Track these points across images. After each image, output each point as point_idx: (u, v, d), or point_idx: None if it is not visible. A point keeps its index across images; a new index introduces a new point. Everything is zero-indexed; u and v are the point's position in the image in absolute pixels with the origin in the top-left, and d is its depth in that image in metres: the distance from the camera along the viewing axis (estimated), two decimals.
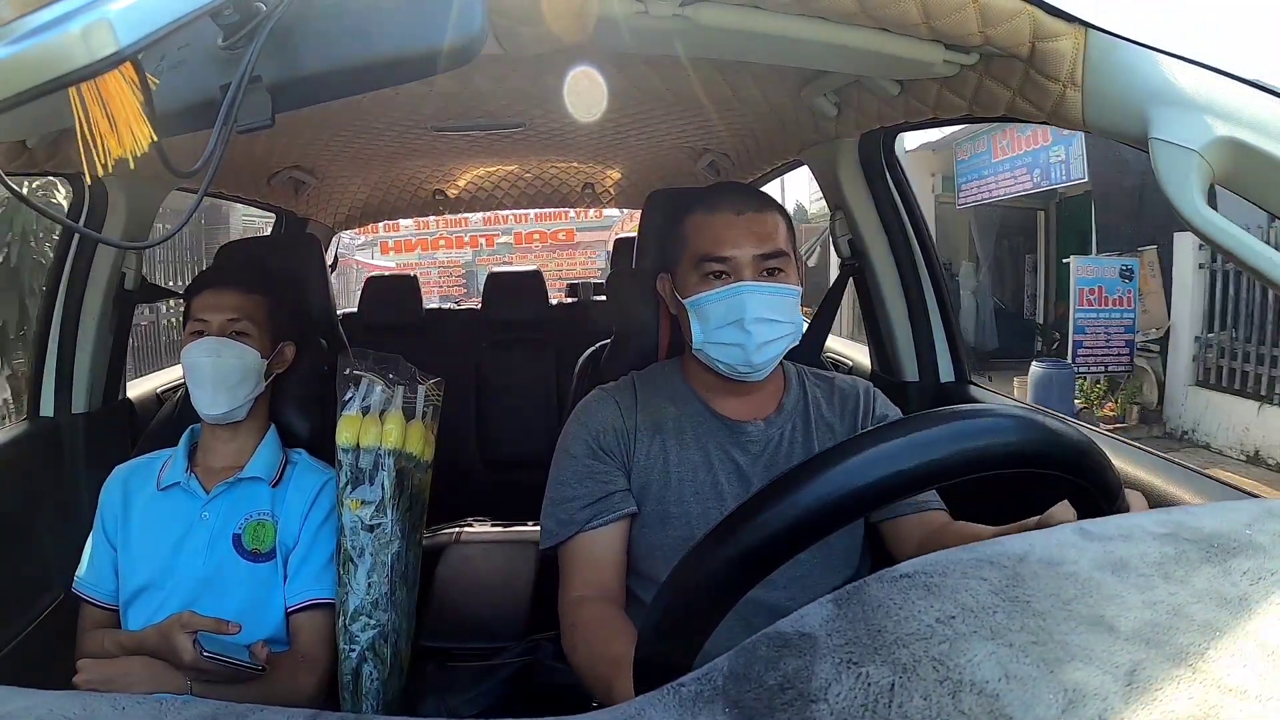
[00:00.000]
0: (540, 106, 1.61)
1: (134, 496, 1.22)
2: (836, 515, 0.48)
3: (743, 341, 1.00)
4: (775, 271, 1.03)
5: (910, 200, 1.58)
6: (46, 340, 1.57)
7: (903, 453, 0.49)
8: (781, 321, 1.02)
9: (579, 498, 1.04)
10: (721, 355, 1.03)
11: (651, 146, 2.07)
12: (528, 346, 2.73)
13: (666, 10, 0.86)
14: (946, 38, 0.88)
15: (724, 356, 1.03)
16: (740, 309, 1.00)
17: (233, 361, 1.20)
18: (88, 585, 1.20)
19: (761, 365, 1.02)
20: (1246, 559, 0.41)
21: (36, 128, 1.07)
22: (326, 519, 1.20)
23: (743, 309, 1.00)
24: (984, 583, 0.39)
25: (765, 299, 1.01)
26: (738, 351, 1.01)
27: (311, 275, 1.65)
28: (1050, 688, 0.33)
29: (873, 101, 1.25)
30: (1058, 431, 0.53)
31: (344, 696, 1.10)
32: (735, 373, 1.04)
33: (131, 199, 1.54)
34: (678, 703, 0.35)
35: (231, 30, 0.51)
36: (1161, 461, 1.07)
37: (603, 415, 1.09)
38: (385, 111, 1.59)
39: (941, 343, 1.59)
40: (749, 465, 1.07)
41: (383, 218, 3.04)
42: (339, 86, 0.55)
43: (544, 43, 0.90)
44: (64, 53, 0.42)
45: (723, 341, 1.02)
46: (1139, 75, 0.79)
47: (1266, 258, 0.69)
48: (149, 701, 0.38)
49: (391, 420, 1.12)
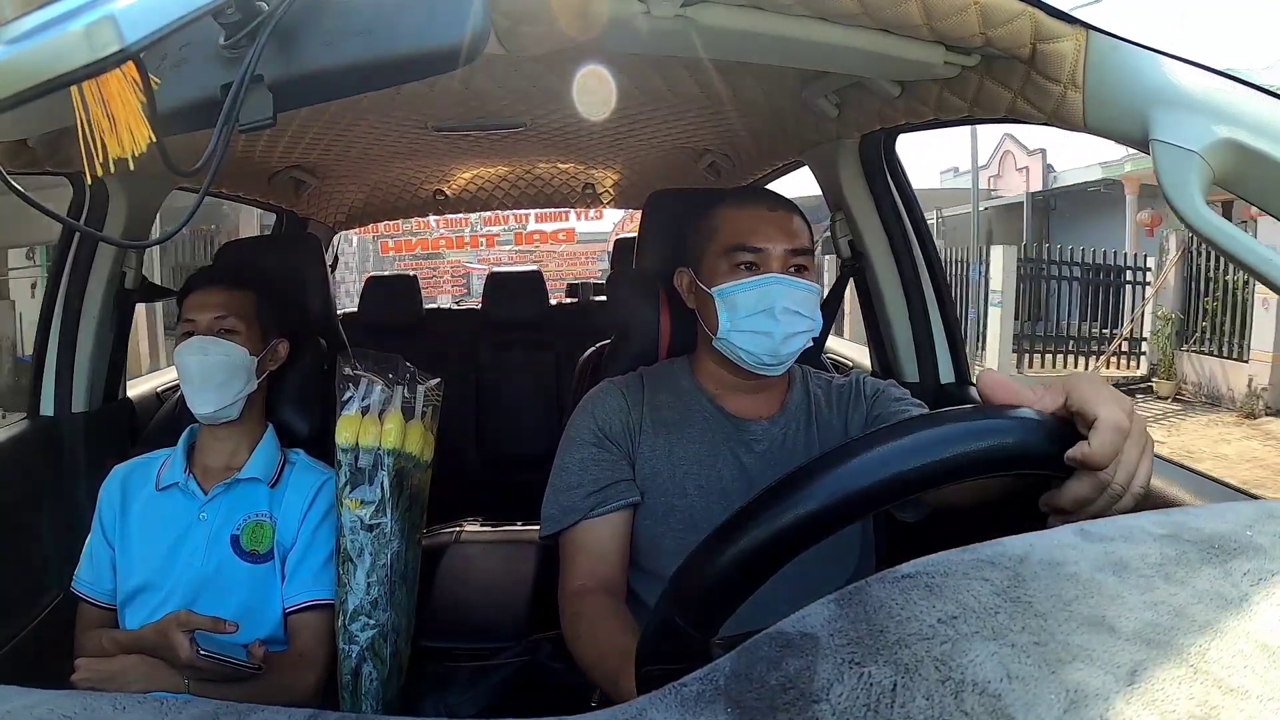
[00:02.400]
0: (541, 107, 1.62)
1: (132, 496, 1.22)
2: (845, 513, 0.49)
3: (771, 330, 1.01)
4: (801, 269, 1.05)
5: (911, 201, 1.58)
6: (47, 339, 1.57)
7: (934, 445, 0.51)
8: (806, 316, 1.04)
9: (583, 485, 1.05)
10: (748, 344, 1.03)
11: (652, 147, 2.07)
12: (528, 347, 2.73)
13: (668, 11, 0.86)
14: (948, 39, 0.88)
15: (750, 345, 1.03)
16: (771, 298, 1.02)
17: (220, 359, 1.20)
18: (86, 584, 1.20)
19: (785, 357, 1.04)
20: (1247, 560, 0.41)
21: (38, 126, 1.07)
22: (324, 518, 1.20)
23: (773, 299, 1.02)
24: (985, 583, 0.39)
25: (794, 292, 1.03)
26: (765, 340, 1.02)
27: (312, 275, 1.65)
28: (1052, 688, 0.33)
29: (874, 102, 1.25)
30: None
31: (343, 696, 1.10)
32: (759, 363, 1.04)
33: (132, 198, 1.54)
34: (679, 702, 0.35)
35: (233, 29, 0.51)
36: (1162, 463, 1.07)
37: (610, 405, 1.10)
38: (386, 111, 1.59)
39: (942, 344, 1.59)
40: (753, 463, 1.07)
41: (383, 218, 3.04)
42: (341, 86, 0.55)
43: (546, 43, 0.90)
44: (67, 51, 0.42)
45: (751, 330, 1.03)
46: (1140, 77, 0.79)
47: (1265, 259, 0.69)
48: (149, 701, 0.38)
49: (391, 420, 1.12)
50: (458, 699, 1.19)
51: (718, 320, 1.05)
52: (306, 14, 0.51)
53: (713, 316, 1.05)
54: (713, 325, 1.06)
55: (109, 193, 1.52)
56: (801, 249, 1.05)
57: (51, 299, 1.57)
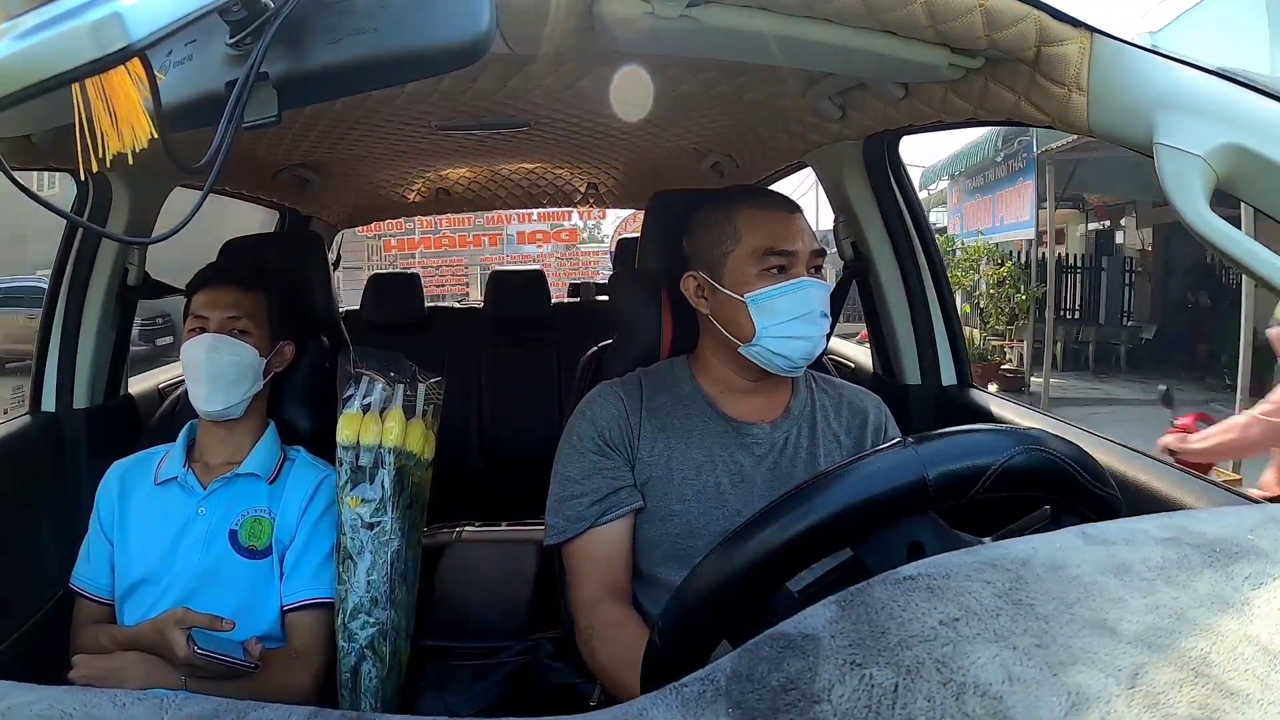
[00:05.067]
0: (545, 106, 1.61)
1: (131, 491, 1.22)
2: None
3: (810, 334, 1.02)
4: (818, 269, 1.06)
5: (914, 203, 1.58)
6: (49, 335, 1.57)
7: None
8: (828, 317, 1.04)
9: (587, 494, 1.04)
10: (785, 349, 1.02)
11: (656, 147, 2.07)
12: (529, 346, 2.73)
13: (673, 11, 0.86)
14: (952, 41, 0.88)
15: (788, 350, 1.02)
16: (809, 303, 1.02)
17: (230, 359, 1.20)
18: (83, 579, 1.20)
19: (811, 359, 1.05)
20: (1248, 564, 0.41)
21: (41, 122, 1.07)
22: (323, 516, 1.20)
23: (811, 303, 1.02)
24: (987, 586, 0.39)
25: (823, 294, 1.04)
26: (805, 345, 1.02)
27: (314, 273, 1.65)
28: (1054, 690, 0.33)
29: (878, 104, 1.25)
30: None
31: (343, 694, 1.10)
32: (793, 367, 1.04)
33: (135, 195, 1.54)
34: (680, 703, 0.35)
35: (239, 27, 0.51)
36: (1164, 466, 1.07)
37: (608, 410, 1.09)
38: (390, 110, 1.59)
39: (944, 346, 1.59)
40: (752, 467, 1.06)
41: (386, 216, 3.04)
42: (346, 84, 0.55)
43: (551, 42, 0.90)
44: (73, 47, 0.42)
45: (790, 335, 1.02)
46: (1144, 80, 0.79)
47: (1270, 263, 0.69)
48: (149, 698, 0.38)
49: (392, 418, 1.12)
50: (457, 698, 1.19)
51: (752, 326, 1.03)
52: (312, 12, 0.51)
53: (744, 322, 1.03)
54: (742, 331, 1.04)
55: (112, 189, 1.52)
56: (819, 250, 1.07)
57: (54, 295, 1.57)
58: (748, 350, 1.04)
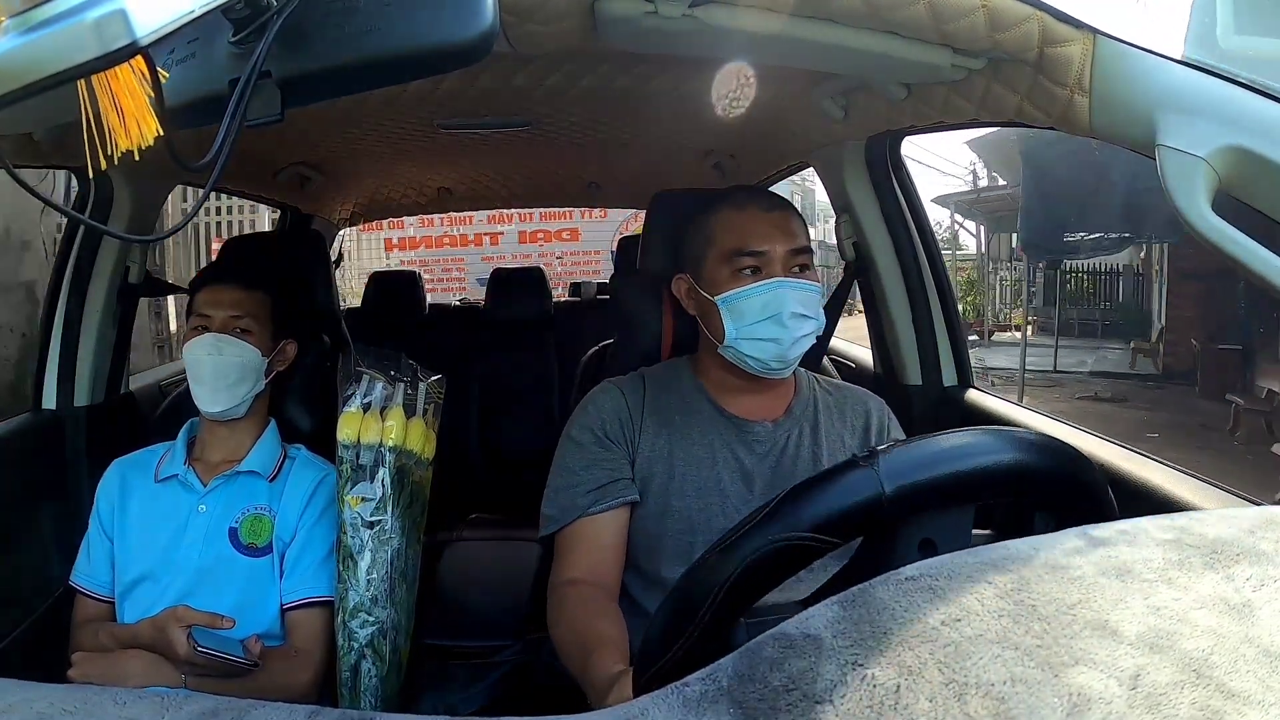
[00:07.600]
0: (547, 106, 1.61)
1: (131, 489, 1.22)
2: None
3: (779, 336, 1.00)
4: (803, 269, 1.04)
5: (916, 204, 1.58)
6: (50, 333, 1.57)
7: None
8: (811, 318, 1.02)
9: (582, 484, 1.04)
10: (755, 351, 1.02)
11: (658, 147, 2.07)
12: (530, 345, 2.73)
13: (676, 11, 0.86)
14: (955, 42, 0.88)
15: (758, 352, 1.02)
16: (778, 304, 1.00)
17: (233, 359, 1.20)
18: (83, 577, 1.20)
19: (792, 361, 1.03)
20: (1250, 565, 0.41)
21: (44, 120, 1.07)
22: (323, 514, 1.20)
23: (780, 304, 1.00)
24: (989, 586, 0.39)
25: (799, 294, 1.02)
26: (773, 346, 1.01)
27: (316, 271, 1.65)
28: (1055, 691, 0.33)
29: (880, 104, 1.25)
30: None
31: (342, 693, 1.10)
32: (767, 369, 1.03)
33: (137, 193, 1.54)
34: (681, 703, 0.35)
35: (242, 25, 0.51)
36: (1164, 466, 1.07)
37: (610, 404, 1.09)
38: (392, 109, 1.59)
39: (945, 346, 1.59)
40: (754, 465, 1.06)
41: (387, 215, 3.04)
42: (349, 83, 0.55)
43: (553, 41, 0.90)
44: (76, 44, 0.42)
45: (758, 337, 1.01)
46: (1147, 81, 0.79)
47: (1274, 266, 0.69)
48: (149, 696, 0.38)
49: (392, 417, 1.12)
50: (457, 696, 1.19)
51: (723, 328, 1.03)
52: (315, 10, 0.51)
53: (717, 324, 1.04)
54: (718, 333, 1.04)
55: (114, 187, 1.52)
56: (802, 248, 1.04)
57: (55, 292, 1.57)
58: (724, 351, 1.05)
